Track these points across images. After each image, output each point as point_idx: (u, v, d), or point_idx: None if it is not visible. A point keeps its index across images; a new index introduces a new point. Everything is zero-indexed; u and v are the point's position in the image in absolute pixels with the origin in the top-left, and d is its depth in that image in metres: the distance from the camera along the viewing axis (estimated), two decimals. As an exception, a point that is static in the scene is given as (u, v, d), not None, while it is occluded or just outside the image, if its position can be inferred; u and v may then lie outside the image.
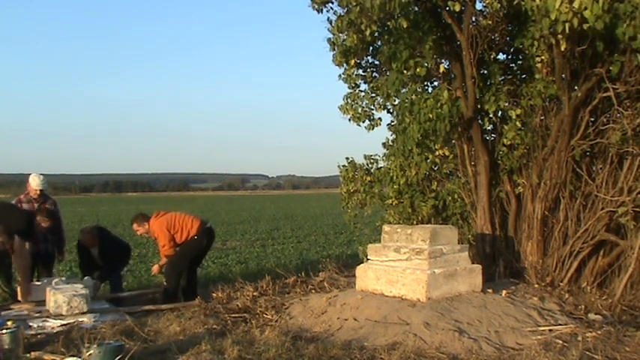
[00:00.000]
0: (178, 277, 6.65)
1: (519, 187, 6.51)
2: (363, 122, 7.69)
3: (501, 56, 6.80)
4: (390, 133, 7.65)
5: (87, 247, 6.95)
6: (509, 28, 6.40)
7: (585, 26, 4.47)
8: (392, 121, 7.62)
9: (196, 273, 7.16)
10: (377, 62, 7.40)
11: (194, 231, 6.66)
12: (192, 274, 6.91)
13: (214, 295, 6.39)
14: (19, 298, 6.33)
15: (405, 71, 6.40)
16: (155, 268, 6.92)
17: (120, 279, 7.40)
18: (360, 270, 5.67)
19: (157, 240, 6.76)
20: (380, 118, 7.67)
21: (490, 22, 6.28)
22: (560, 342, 4.39)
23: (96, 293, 6.66)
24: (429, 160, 7.12)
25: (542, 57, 5.66)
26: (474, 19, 6.37)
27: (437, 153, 7.01)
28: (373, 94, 7.60)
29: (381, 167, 7.87)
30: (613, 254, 6.10)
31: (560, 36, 4.88)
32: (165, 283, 6.73)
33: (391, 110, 7.54)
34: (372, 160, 7.98)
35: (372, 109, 7.65)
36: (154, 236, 6.80)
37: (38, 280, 6.62)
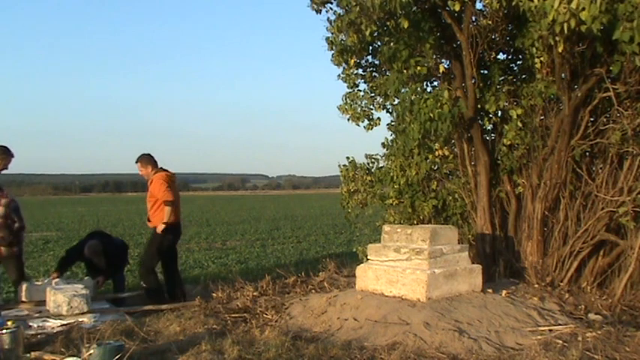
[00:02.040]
0: (153, 274, 6.55)
1: (519, 187, 6.51)
2: (362, 122, 7.70)
3: (501, 56, 6.80)
4: (390, 133, 7.67)
5: (89, 258, 6.95)
6: (509, 28, 6.40)
7: (583, 28, 4.47)
8: (391, 121, 7.63)
9: (176, 272, 6.98)
10: (376, 62, 7.41)
11: (172, 216, 6.47)
12: (171, 273, 6.78)
13: (214, 295, 6.39)
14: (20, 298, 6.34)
15: (405, 71, 6.41)
16: (159, 227, 6.49)
17: (123, 280, 7.39)
18: (360, 270, 5.67)
19: (152, 189, 6.51)
20: (379, 118, 7.68)
21: (490, 22, 6.28)
22: (560, 342, 4.39)
23: (95, 293, 6.65)
24: (429, 160, 7.12)
25: (542, 58, 5.67)
26: (474, 19, 6.37)
27: (437, 153, 7.01)
28: (372, 94, 7.61)
29: (381, 167, 7.88)
30: (613, 254, 6.10)
31: (558, 37, 4.89)
32: (144, 285, 6.63)
33: (390, 110, 7.55)
34: (372, 160, 7.99)
35: (372, 109, 7.66)
36: (149, 184, 6.59)
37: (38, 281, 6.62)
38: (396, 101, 7.07)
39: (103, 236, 7.24)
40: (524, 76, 6.64)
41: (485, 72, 6.60)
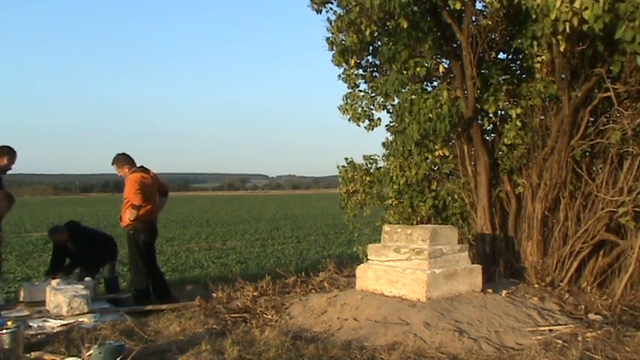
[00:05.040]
0: (140, 276, 6.51)
1: (519, 187, 6.51)
2: (363, 122, 7.70)
3: (501, 56, 6.80)
4: (390, 133, 7.66)
5: (64, 245, 6.94)
6: (509, 28, 6.40)
7: (585, 27, 4.47)
8: (390, 122, 7.63)
9: (157, 271, 6.91)
10: (377, 62, 7.40)
11: (143, 212, 6.42)
12: (153, 273, 6.70)
13: (214, 295, 6.38)
14: (20, 299, 6.34)
15: (404, 71, 6.40)
16: (124, 223, 6.59)
17: (117, 280, 7.34)
18: (360, 270, 5.67)
19: (125, 189, 6.50)
20: (379, 118, 7.68)
21: (490, 22, 6.27)
22: (560, 342, 4.39)
23: (95, 293, 6.64)
24: (428, 160, 7.12)
25: (543, 57, 5.67)
26: (474, 18, 6.37)
27: (437, 153, 7.01)
28: (373, 94, 7.61)
29: (380, 167, 7.88)
30: (613, 254, 6.10)
31: (560, 36, 4.89)
32: (133, 289, 6.62)
33: (390, 110, 7.54)
34: (371, 161, 7.99)
35: (372, 109, 7.66)
36: (125, 183, 6.55)
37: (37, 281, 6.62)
38: (396, 101, 7.07)
39: (71, 224, 7.21)
40: (523, 76, 6.64)
41: (485, 72, 6.59)
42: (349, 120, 7.72)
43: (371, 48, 7.04)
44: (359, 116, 7.64)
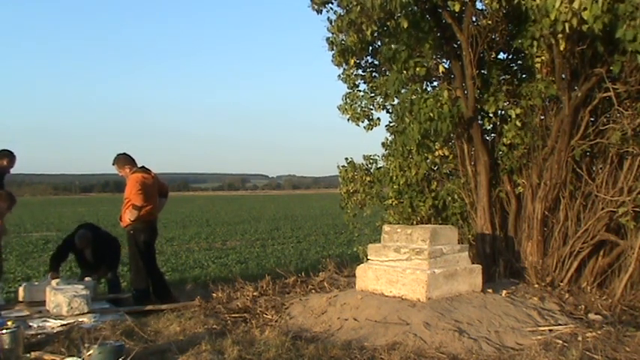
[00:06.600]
0: (140, 275, 6.49)
1: (519, 187, 6.51)
2: (362, 122, 7.71)
3: (501, 56, 6.81)
4: (390, 133, 7.67)
5: (81, 249, 6.93)
6: (509, 28, 6.40)
7: (584, 27, 4.48)
8: (390, 122, 7.64)
9: (157, 271, 6.89)
10: (376, 62, 7.41)
11: (144, 212, 6.40)
12: (153, 273, 6.68)
13: (214, 295, 6.39)
14: (20, 299, 6.35)
15: (405, 71, 6.41)
16: (124, 224, 6.58)
17: (118, 280, 7.33)
18: (360, 270, 5.67)
19: (126, 189, 6.49)
20: (379, 118, 7.71)
21: (490, 22, 6.28)
22: (560, 342, 4.39)
23: (96, 293, 6.64)
24: (428, 160, 7.12)
25: (542, 57, 5.67)
26: (474, 18, 6.37)
27: (437, 153, 7.01)
28: (372, 94, 7.62)
29: (380, 167, 7.88)
30: (613, 254, 6.10)
31: (560, 36, 4.89)
32: (133, 289, 6.62)
33: (390, 110, 7.55)
34: (371, 161, 8.00)
35: (372, 109, 7.67)
36: (127, 183, 6.53)
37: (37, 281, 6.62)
38: (396, 101, 7.08)
39: (92, 228, 7.20)
40: (524, 76, 6.64)
41: (485, 72, 6.60)
42: (348, 120, 7.74)
43: (371, 48, 7.05)
44: (358, 116, 7.66)
